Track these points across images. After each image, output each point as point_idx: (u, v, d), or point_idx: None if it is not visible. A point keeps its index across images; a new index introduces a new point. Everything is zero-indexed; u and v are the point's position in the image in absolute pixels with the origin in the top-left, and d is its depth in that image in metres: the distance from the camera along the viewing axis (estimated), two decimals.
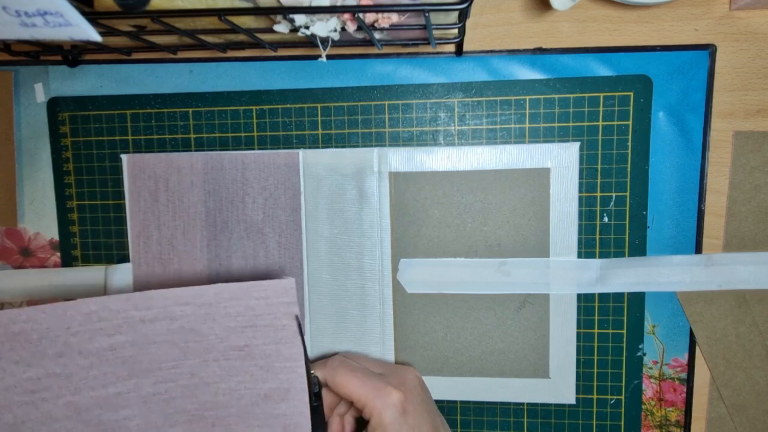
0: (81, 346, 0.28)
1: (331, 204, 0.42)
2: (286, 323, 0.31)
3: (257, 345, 0.31)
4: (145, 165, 0.43)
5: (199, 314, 0.30)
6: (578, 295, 0.41)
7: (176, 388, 0.30)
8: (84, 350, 0.28)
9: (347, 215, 0.42)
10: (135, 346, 0.29)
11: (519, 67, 0.40)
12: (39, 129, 0.44)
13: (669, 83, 0.39)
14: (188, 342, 0.30)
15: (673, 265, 0.40)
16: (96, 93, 0.44)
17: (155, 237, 0.43)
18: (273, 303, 0.31)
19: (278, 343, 0.31)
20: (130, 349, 0.29)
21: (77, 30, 0.25)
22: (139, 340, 0.29)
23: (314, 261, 0.43)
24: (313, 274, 0.43)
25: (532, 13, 0.40)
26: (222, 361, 0.31)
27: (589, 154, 0.40)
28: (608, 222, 0.40)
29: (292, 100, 0.42)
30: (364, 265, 0.42)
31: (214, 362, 0.31)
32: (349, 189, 0.42)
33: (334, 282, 0.43)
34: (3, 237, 0.46)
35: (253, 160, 0.42)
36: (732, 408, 0.41)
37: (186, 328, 0.30)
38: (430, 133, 0.41)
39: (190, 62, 0.43)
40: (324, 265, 0.43)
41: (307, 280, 0.43)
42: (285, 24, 0.34)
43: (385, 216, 0.42)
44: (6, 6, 0.24)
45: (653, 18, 0.39)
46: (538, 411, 0.42)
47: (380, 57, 0.41)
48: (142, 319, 0.29)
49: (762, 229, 0.40)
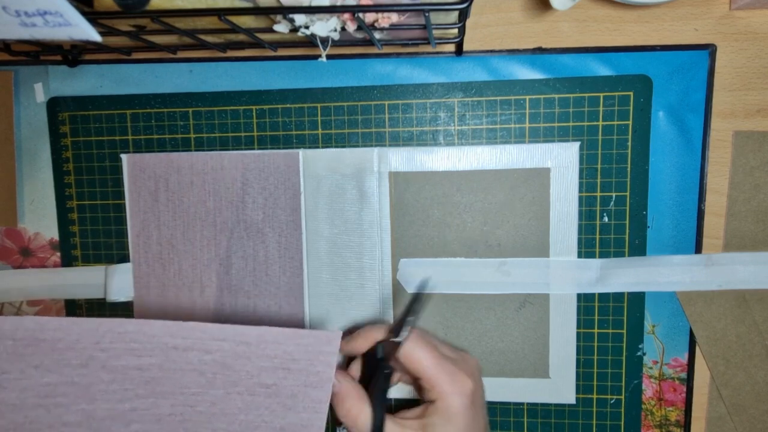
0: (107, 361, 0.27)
1: (331, 204, 0.42)
2: (321, 370, 0.31)
3: (286, 385, 0.31)
4: (145, 165, 0.43)
5: (235, 351, 0.30)
6: (578, 295, 0.41)
7: (193, 413, 0.30)
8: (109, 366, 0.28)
9: (347, 215, 0.42)
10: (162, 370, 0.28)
11: (519, 67, 0.40)
12: (39, 129, 0.44)
13: (669, 83, 0.39)
14: (216, 374, 0.29)
15: (673, 265, 0.40)
16: (96, 93, 0.44)
17: (155, 237, 0.43)
18: (313, 350, 0.31)
19: (307, 386, 0.31)
20: (156, 371, 0.28)
21: (77, 30, 0.25)
22: (167, 365, 0.28)
23: (314, 261, 0.43)
24: (313, 274, 0.43)
25: (532, 12, 0.40)
26: (246, 396, 0.30)
27: (589, 154, 0.40)
28: (608, 222, 0.40)
29: (292, 99, 0.42)
30: (364, 265, 0.42)
31: (238, 395, 0.30)
32: (349, 189, 0.42)
33: (334, 282, 0.43)
34: (3, 237, 0.46)
35: (253, 160, 0.42)
36: (732, 408, 0.41)
37: (218, 362, 0.29)
38: (430, 133, 0.41)
39: (190, 62, 0.43)
40: (324, 265, 0.43)
41: (307, 280, 0.43)
42: (285, 24, 0.34)
43: (385, 216, 0.42)
44: (6, 6, 0.24)
45: (653, 18, 0.39)
46: (538, 411, 0.42)
47: (380, 57, 0.41)
48: (175, 347, 0.28)
49: (762, 229, 0.40)
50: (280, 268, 0.43)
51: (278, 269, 0.43)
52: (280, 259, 0.43)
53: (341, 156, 0.41)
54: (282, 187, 0.42)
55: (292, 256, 0.43)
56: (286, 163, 0.42)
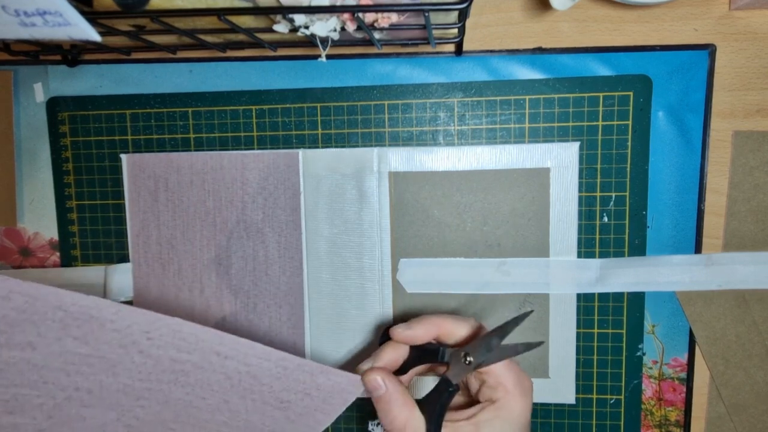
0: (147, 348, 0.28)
1: (330, 204, 0.42)
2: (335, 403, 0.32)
3: (299, 405, 0.32)
4: (144, 165, 0.43)
5: (272, 371, 0.30)
6: (578, 295, 0.41)
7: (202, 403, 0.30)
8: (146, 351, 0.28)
9: (347, 215, 0.42)
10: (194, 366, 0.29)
11: (519, 67, 0.40)
12: (38, 129, 0.44)
13: (669, 83, 0.39)
14: (242, 381, 0.30)
15: (672, 264, 0.40)
16: (95, 93, 0.44)
17: (155, 237, 0.43)
18: (337, 388, 0.32)
19: (317, 410, 0.32)
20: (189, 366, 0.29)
21: (77, 30, 0.25)
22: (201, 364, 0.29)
23: (314, 261, 0.43)
24: (313, 274, 0.43)
25: (532, 12, 0.40)
26: (259, 402, 0.31)
27: (589, 154, 0.40)
28: (608, 222, 0.40)
29: (291, 99, 0.42)
30: (364, 265, 0.42)
31: (251, 401, 0.31)
32: (349, 189, 0.42)
33: (334, 282, 0.43)
34: (2, 237, 0.46)
35: (252, 160, 0.42)
36: (731, 408, 0.41)
37: (251, 374, 0.30)
38: (430, 133, 0.41)
39: (189, 62, 0.43)
40: (324, 265, 0.43)
41: (306, 280, 0.43)
42: (285, 24, 0.34)
43: (385, 216, 0.42)
44: (5, 6, 0.24)
45: (653, 18, 0.39)
46: (537, 411, 0.42)
47: (380, 57, 0.41)
48: (218, 353, 0.29)
49: (762, 229, 0.40)
50: (280, 268, 0.43)
51: (278, 269, 0.43)
52: (279, 259, 0.43)
53: (341, 156, 0.41)
54: (282, 187, 0.42)
55: (292, 256, 0.43)
56: (285, 163, 0.42)
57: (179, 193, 0.43)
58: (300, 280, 0.43)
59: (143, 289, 0.44)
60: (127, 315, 0.27)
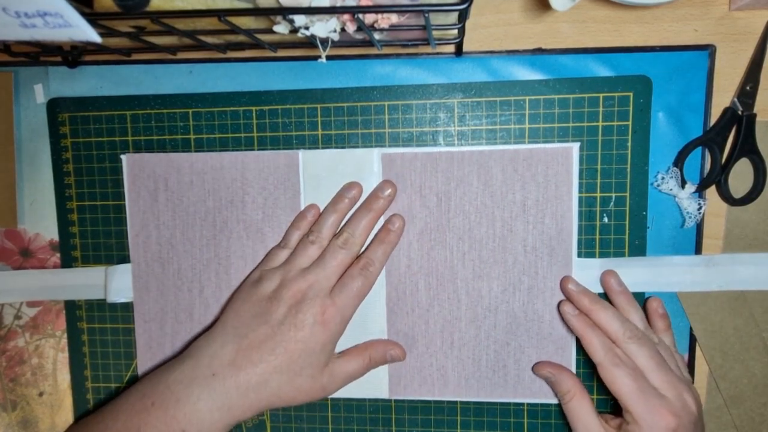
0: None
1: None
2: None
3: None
4: (144, 165, 0.43)
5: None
6: None
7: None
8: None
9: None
10: None
11: (518, 68, 0.40)
12: (39, 130, 0.45)
13: (668, 83, 0.39)
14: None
15: (673, 265, 0.40)
16: (96, 94, 0.44)
17: (155, 237, 0.43)
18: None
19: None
20: None
21: (77, 31, 0.25)
22: None
23: None
24: None
25: (532, 13, 0.40)
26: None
27: (589, 155, 0.40)
28: (608, 222, 0.40)
29: (291, 100, 0.42)
30: None
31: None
32: None
33: None
34: (3, 238, 0.46)
35: (252, 160, 0.42)
36: (729, 400, 0.41)
37: None
38: (430, 133, 0.41)
39: (189, 63, 0.43)
40: None
41: None
42: (285, 25, 0.34)
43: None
44: (6, 7, 0.24)
45: (653, 18, 0.39)
46: (538, 411, 0.42)
47: (380, 57, 0.41)
48: None
49: (762, 230, 0.40)
50: None
51: None
52: None
53: (341, 157, 0.41)
54: (281, 187, 0.42)
55: None
56: (285, 163, 0.42)
57: (179, 193, 0.43)
58: None
59: (143, 289, 0.44)
60: None
